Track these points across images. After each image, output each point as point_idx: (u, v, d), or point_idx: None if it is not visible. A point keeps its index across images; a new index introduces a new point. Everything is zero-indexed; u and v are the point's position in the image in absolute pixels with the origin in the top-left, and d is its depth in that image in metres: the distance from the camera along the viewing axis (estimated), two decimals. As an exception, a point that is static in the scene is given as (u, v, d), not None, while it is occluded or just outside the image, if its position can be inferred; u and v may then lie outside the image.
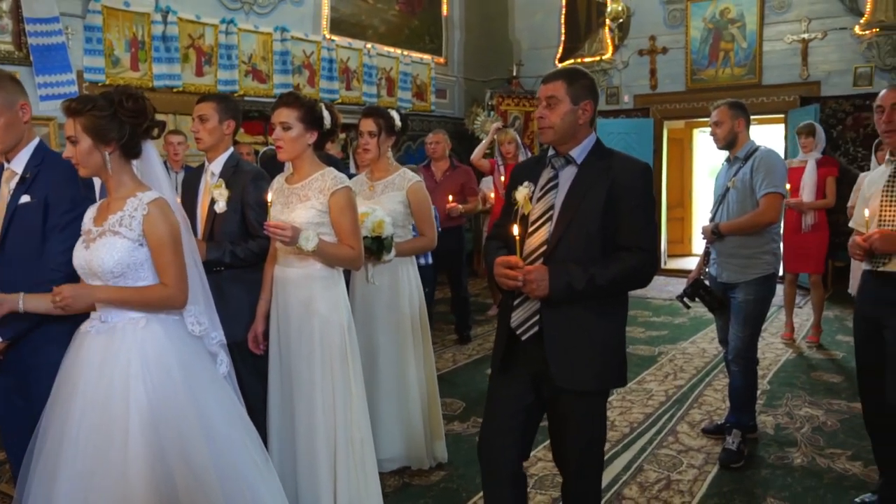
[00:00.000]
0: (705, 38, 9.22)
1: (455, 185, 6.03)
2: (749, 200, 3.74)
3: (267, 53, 7.37)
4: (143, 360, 2.21)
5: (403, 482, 3.52)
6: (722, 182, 3.93)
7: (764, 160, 3.73)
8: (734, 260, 3.78)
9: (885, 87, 3.07)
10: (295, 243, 2.73)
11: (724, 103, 3.85)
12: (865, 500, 3.22)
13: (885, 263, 2.91)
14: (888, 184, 2.98)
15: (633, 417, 4.38)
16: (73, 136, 2.22)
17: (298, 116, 2.84)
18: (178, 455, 2.18)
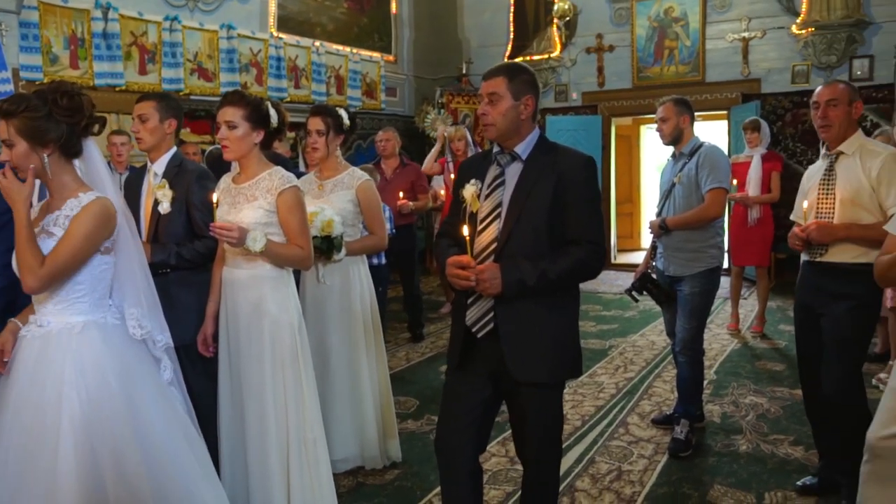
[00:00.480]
0: (650, 37, 9.39)
1: (405, 182, 6.03)
2: (694, 195, 3.81)
3: (213, 51, 7.25)
4: (78, 367, 2.15)
5: (357, 482, 3.51)
6: (668, 178, 3.99)
7: (708, 156, 3.80)
8: (680, 254, 3.84)
9: (820, 84, 3.18)
10: (242, 244, 2.70)
11: (670, 100, 3.91)
12: (806, 482, 3.33)
13: (822, 254, 3.02)
14: (824, 177, 3.09)
15: (585, 410, 4.45)
16: (7, 139, 2.14)
17: (244, 115, 2.80)
18: (110, 463, 2.13)
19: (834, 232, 2.97)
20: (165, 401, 2.34)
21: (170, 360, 2.43)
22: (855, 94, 3.09)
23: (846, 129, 3.06)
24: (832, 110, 3.05)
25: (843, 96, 3.04)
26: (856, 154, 3.02)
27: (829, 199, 3.05)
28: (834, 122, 3.05)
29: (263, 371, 2.80)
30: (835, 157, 3.09)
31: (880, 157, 2.95)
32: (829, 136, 3.08)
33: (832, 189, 3.05)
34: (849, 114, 3.05)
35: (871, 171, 2.94)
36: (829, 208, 3.04)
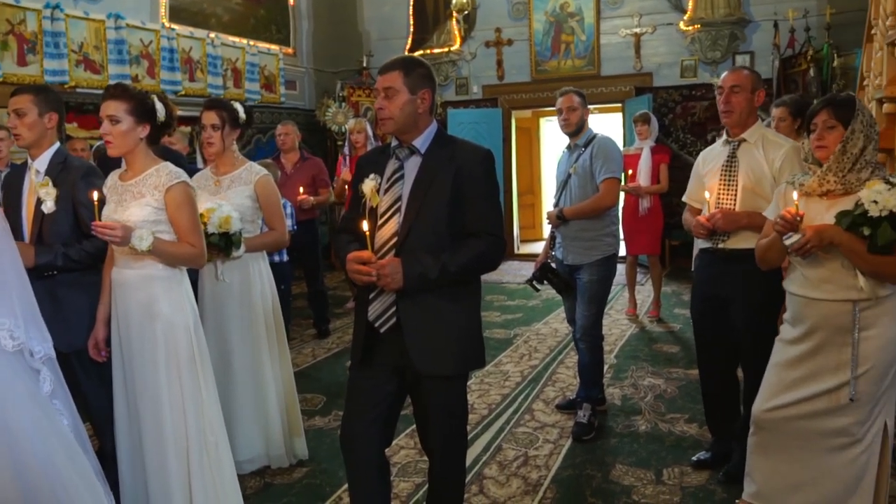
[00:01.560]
0: (548, 31, 9.59)
1: (306, 177, 5.94)
2: (590, 185, 3.92)
3: (100, 42, 6.89)
4: None
5: (265, 482, 3.44)
6: (564, 168, 4.09)
7: (602, 147, 3.91)
8: (578, 242, 3.94)
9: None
10: (127, 243, 2.58)
11: (573, 91, 3.99)
12: (701, 457, 3.50)
13: (724, 241, 3.14)
14: (726, 164, 3.18)
15: (492, 399, 4.52)
16: None
17: (127, 109, 2.67)
18: None
19: (738, 220, 3.08)
20: (43, 415, 2.18)
21: (50, 371, 2.26)
22: (759, 83, 3.20)
23: (748, 116, 3.17)
24: (734, 96, 3.15)
25: (746, 83, 3.15)
26: (758, 143, 3.13)
27: (732, 187, 3.15)
28: (735, 107, 3.15)
29: (158, 375, 2.70)
30: (737, 144, 3.18)
31: (783, 148, 3.07)
32: (730, 121, 3.19)
33: (734, 177, 3.15)
34: (751, 101, 3.15)
35: (775, 163, 3.05)
36: (732, 196, 3.15)
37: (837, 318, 2.52)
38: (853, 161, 2.51)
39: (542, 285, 4.13)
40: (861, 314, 2.48)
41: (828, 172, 2.55)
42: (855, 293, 2.48)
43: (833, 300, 2.52)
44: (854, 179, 2.51)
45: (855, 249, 2.43)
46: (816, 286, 2.55)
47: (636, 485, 3.33)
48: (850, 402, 2.51)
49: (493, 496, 3.27)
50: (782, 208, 2.63)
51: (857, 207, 2.43)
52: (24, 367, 2.17)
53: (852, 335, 2.50)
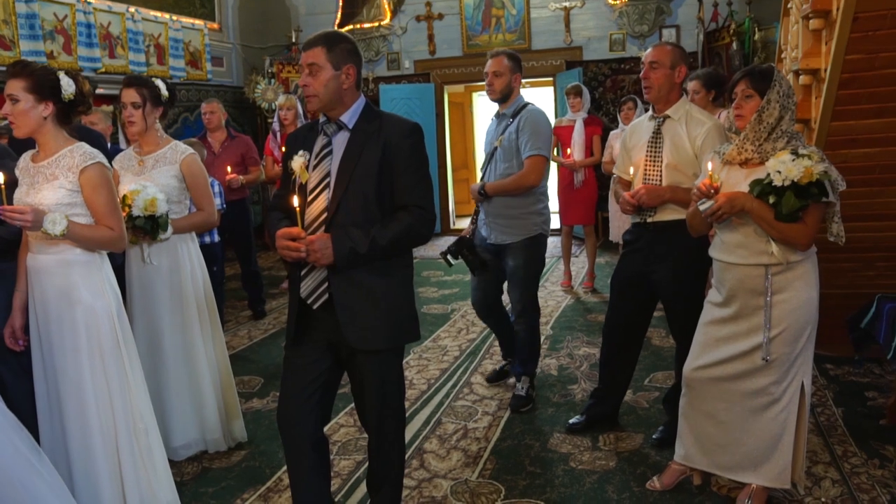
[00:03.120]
0: (478, 5, 9.57)
1: (235, 155, 5.80)
2: (515, 160, 3.73)
3: (9, 16, 6.53)
4: None
5: (203, 467, 3.39)
6: (491, 139, 3.91)
7: (529, 120, 3.70)
8: (501, 220, 3.78)
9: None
10: (39, 228, 2.49)
11: (503, 53, 3.73)
12: (575, 421, 3.65)
13: (651, 215, 3.20)
14: (651, 140, 3.22)
15: (430, 374, 4.54)
16: None
17: (26, 86, 2.56)
18: None
19: (661, 194, 3.13)
20: None
21: None
22: (680, 59, 3.19)
23: (668, 92, 3.19)
24: (653, 72, 3.17)
25: (664, 59, 3.16)
26: (682, 120, 3.17)
27: (657, 163, 3.19)
28: (654, 83, 3.18)
29: (81, 363, 2.61)
30: (662, 120, 3.22)
31: (705, 126, 3.10)
32: (649, 96, 3.22)
33: (659, 153, 3.19)
34: (670, 77, 3.17)
35: (697, 140, 3.09)
36: (657, 172, 3.19)
37: (751, 281, 2.63)
38: (769, 130, 2.60)
39: (457, 260, 3.90)
40: (773, 278, 2.59)
41: (745, 141, 2.64)
42: (766, 258, 2.59)
43: (747, 264, 2.63)
44: (770, 149, 2.60)
45: (764, 217, 2.53)
46: (732, 251, 2.66)
47: (573, 452, 3.41)
48: (763, 362, 2.63)
49: (434, 469, 3.30)
50: None
51: (767, 177, 2.52)
52: None
53: (765, 298, 2.60)
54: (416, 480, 3.20)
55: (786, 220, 2.51)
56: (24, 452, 2.18)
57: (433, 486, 3.16)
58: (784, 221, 2.51)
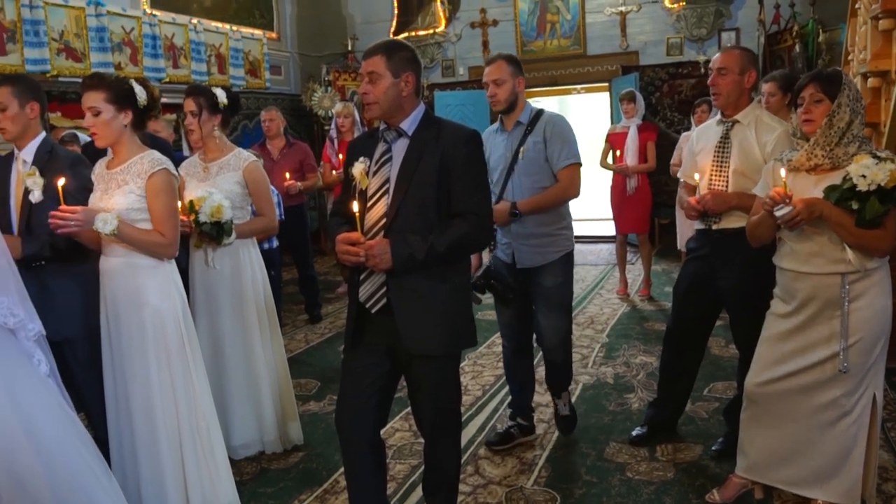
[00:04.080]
0: (532, 11, 9.55)
1: (293, 162, 5.91)
2: (544, 173, 3.30)
3: (81, 30, 6.80)
4: None
5: (261, 468, 3.45)
6: (502, 153, 3.38)
7: (557, 128, 3.31)
8: (533, 240, 3.34)
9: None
10: (91, 226, 2.58)
11: (501, 57, 3.31)
12: (637, 433, 3.58)
13: (716, 222, 3.13)
14: (719, 145, 3.14)
15: (485, 380, 4.54)
16: None
17: (106, 97, 2.66)
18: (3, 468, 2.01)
19: (728, 200, 3.04)
20: (50, 396, 2.22)
21: (42, 352, 2.29)
22: (749, 63, 3.10)
23: (737, 98, 3.10)
24: (721, 78, 3.09)
25: (733, 65, 3.08)
26: (751, 125, 3.08)
27: (724, 168, 3.10)
28: (722, 90, 3.10)
29: (148, 363, 2.70)
30: (730, 124, 3.13)
31: (776, 132, 3.01)
32: (718, 103, 3.15)
33: (726, 159, 3.10)
34: (739, 83, 3.08)
35: (767, 146, 3.00)
36: (723, 178, 3.10)
37: (827, 290, 2.54)
38: (840, 135, 2.52)
39: (484, 294, 3.40)
40: (850, 286, 2.51)
41: (815, 146, 2.56)
42: (843, 266, 2.50)
43: (822, 273, 2.54)
44: (841, 154, 2.52)
45: (843, 223, 2.45)
46: (806, 260, 2.57)
47: (630, 462, 3.36)
48: (840, 373, 2.54)
49: (489, 476, 3.30)
50: (770, 185, 2.65)
51: (846, 182, 2.44)
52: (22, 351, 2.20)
53: (842, 307, 2.52)
54: (472, 486, 3.20)
55: (867, 226, 2.42)
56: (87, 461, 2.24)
57: (488, 492, 3.15)
58: (865, 227, 2.43)
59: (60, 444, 2.16)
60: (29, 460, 2.04)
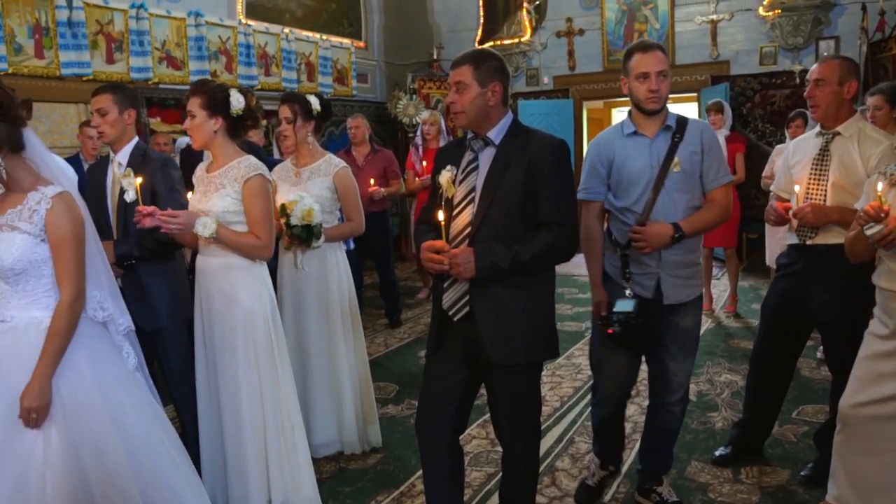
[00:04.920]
0: (620, 20, 9.43)
1: (377, 168, 6.02)
2: (698, 189, 2.83)
3: (181, 39, 7.14)
4: None
5: (339, 467, 3.52)
6: (645, 162, 2.79)
7: (714, 139, 2.85)
8: (683, 270, 2.82)
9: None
10: (191, 230, 2.70)
11: (661, 47, 2.84)
12: (721, 453, 3.48)
13: (812, 237, 3.01)
14: (818, 158, 3.02)
15: (563, 392, 4.50)
16: None
17: (201, 103, 2.80)
18: (92, 458, 2.12)
19: (828, 214, 2.91)
20: (137, 389, 2.33)
21: (131, 345, 2.41)
22: (849, 73, 2.96)
23: (837, 110, 2.97)
24: (818, 90, 2.98)
25: (831, 76, 2.95)
26: (854, 138, 2.95)
27: (822, 181, 2.97)
28: (820, 102, 2.98)
29: (237, 360, 2.81)
30: (830, 137, 3.01)
31: (881, 145, 2.87)
32: (816, 116, 3.03)
33: (825, 172, 2.97)
34: (838, 94, 2.95)
35: (870, 160, 2.86)
36: (821, 191, 2.97)
37: None
38: (950, 150, 2.39)
39: (621, 331, 2.78)
40: None
41: (922, 161, 2.43)
42: None
43: None
44: (950, 170, 2.39)
45: None
46: (904, 280, 2.44)
47: (712, 482, 3.27)
48: None
49: (566, 488, 3.27)
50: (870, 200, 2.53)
51: None
52: (112, 343, 2.32)
53: None
54: (548, 498, 3.18)
55: None
56: (172, 453, 2.34)
57: (565, 505, 3.12)
58: None
59: (147, 436, 2.26)
60: (117, 451, 2.14)
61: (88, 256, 2.24)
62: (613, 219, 2.89)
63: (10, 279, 2.13)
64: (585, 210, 2.90)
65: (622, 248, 2.83)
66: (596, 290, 2.92)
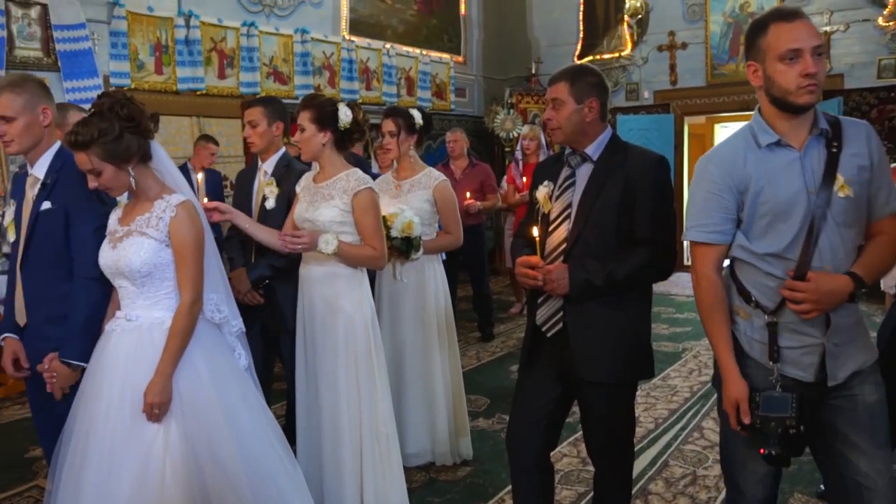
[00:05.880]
0: (725, 33, 9.16)
1: (474, 182, 6.06)
2: (864, 219, 1.99)
3: (288, 55, 7.44)
4: None
5: (430, 478, 3.55)
6: (799, 186, 1.93)
7: (881, 145, 2.03)
8: (854, 332, 2.01)
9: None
10: (315, 249, 2.79)
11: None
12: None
13: None
14: None
15: (658, 413, 4.38)
16: (92, 168, 2.21)
17: (310, 117, 2.90)
18: (206, 452, 2.22)
19: None
20: (248, 388, 2.44)
21: (243, 347, 2.52)
22: None
23: None
24: None
25: None
26: None
27: None
28: None
29: (337, 366, 2.88)
30: None
31: None
32: None
33: None
34: None
35: None
36: None
37: None
38: None
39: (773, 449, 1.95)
40: None
41: None
42: None
43: None
44: None
45: None
46: None
47: (817, 516, 3.11)
48: None
49: (659, 513, 3.18)
50: None
51: None
52: (226, 344, 2.44)
53: None
54: (640, 521, 3.11)
55: None
56: (278, 451, 2.43)
57: (658, 529, 3.04)
58: None
59: (255, 433, 2.36)
60: (229, 446, 2.25)
61: (206, 262, 2.37)
62: (745, 269, 2.05)
63: (137, 281, 2.28)
64: (700, 256, 2.10)
65: (769, 313, 1.99)
66: (730, 377, 2.02)
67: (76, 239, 2.48)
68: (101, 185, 2.26)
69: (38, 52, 5.55)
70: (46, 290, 2.52)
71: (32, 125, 2.52)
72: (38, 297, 2.54)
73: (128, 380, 2.22)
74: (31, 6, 5.48)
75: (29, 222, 2.54)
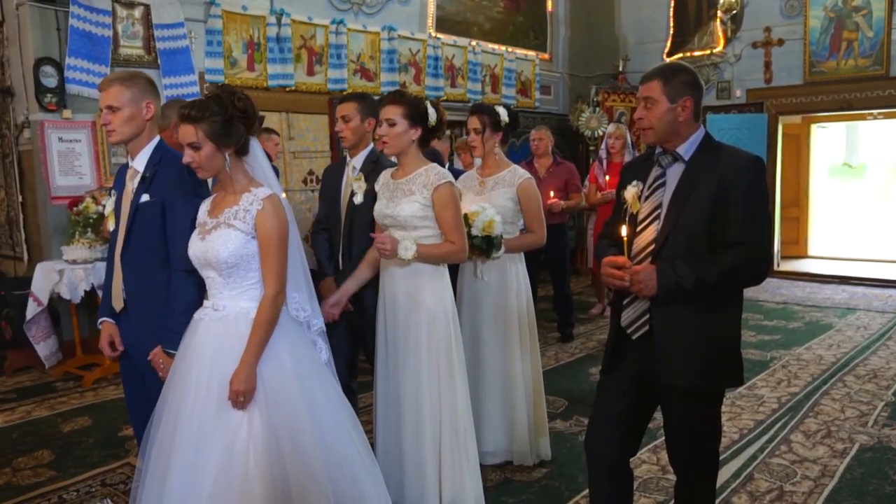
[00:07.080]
0: (826, 28, 8.76)
1: (558, 181, 5.99)
2: None
3: (375, 52, 7.54)
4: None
5: (505, 477, 3.53)
6: None
7: None
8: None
9: None
10: (395, 255, 2.83)
11: None
12: None
13: None
14: None
15: (743, 424, 4.23)
16: (195, 142, 2.30)
17: (403, 113, 2.91)
18: (288, 441, 2.27)
19: None
20: (328, 381, 2.49)
21: (324, 342, 2.57)
22: None
23: None
24: None
25: None
26: None
27: None
28: None
29: (420, 358, 2.90)
30: None
31: None
32: None
33: None
34: None
35: None
36: None
37: None
38: None
39: None
40: None
41: None
42: None
43: None
44: None
45: None
46: None
47: (916, 540, 2.94)
48: None
49: (743, 527, 3.07)
50: None
51: None
52: (308, 338, 2.50)
53: None
54: (723, 534, 3.00)
55: None
56: (357, 444, 2.47)
57: (742, 544, 2.93)
58: None
59: (335, 425, 2.40)
60: (310, 436, 2.30)
61: (291, 260, 2.42)
62: None
63: (224, 272, 2.35)
64: None
65: None
66: None
67: (172, 231, 2.59)
68: (195, 162, 2.34)
69: (140, 50, 5.81)
70: (144, 278, 2.65)
71: (135, 117, 2.65)
72: (137, 285, 2.67)
73: (215, 368, 2.29)
74: (135, 6, 5.74)
75: (129, 213, 2.67)
